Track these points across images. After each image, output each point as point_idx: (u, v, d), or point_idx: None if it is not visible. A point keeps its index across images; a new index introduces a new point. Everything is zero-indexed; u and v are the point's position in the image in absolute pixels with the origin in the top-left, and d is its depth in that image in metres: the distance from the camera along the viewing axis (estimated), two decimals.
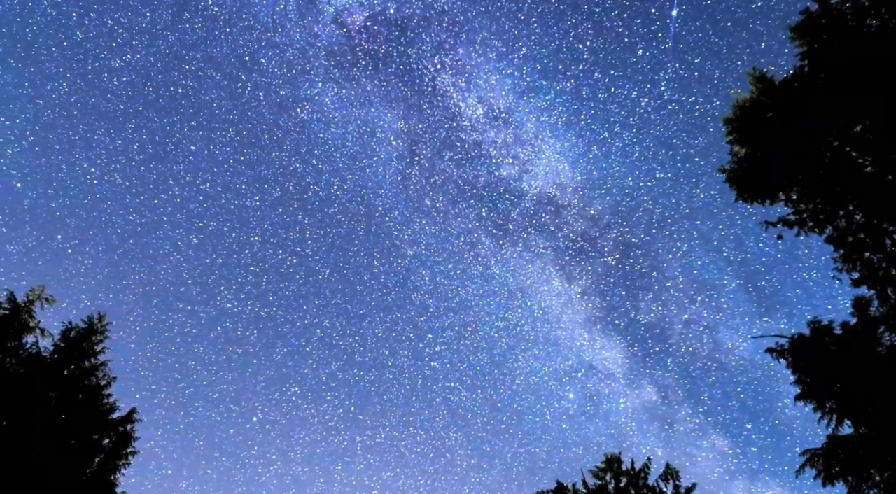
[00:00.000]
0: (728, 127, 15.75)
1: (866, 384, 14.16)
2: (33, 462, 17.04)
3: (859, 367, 14.34)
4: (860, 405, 14.47)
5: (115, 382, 19.89)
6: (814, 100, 14.34)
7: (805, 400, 15.42)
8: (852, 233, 15.35)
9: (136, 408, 19.75)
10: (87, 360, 19.68)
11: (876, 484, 14.19)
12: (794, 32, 14.61)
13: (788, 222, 16.26)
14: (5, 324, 18.67)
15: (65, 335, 19.66)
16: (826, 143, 14.71)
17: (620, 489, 19.89)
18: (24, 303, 19.26)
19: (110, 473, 18.83)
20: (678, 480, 19.66)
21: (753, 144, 15.35)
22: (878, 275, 14.93)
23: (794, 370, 15.58)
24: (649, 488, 19.69)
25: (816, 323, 15.60)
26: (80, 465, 18.25)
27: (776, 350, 15.93)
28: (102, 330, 20.23)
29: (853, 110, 14.00)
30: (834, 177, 14.71)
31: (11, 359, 18.57)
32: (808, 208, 15.90)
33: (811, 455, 15.12)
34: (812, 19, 14.24)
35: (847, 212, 15.37)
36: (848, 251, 15.40)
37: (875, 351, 14.67)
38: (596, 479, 20.35)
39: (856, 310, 15.38)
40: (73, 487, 17.72)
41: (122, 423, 19.41)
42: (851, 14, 13.86)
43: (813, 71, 14.40)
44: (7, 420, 17.18)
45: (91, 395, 19.29)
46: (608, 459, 20.54)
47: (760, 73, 15.02)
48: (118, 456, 19.04)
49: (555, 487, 20.64)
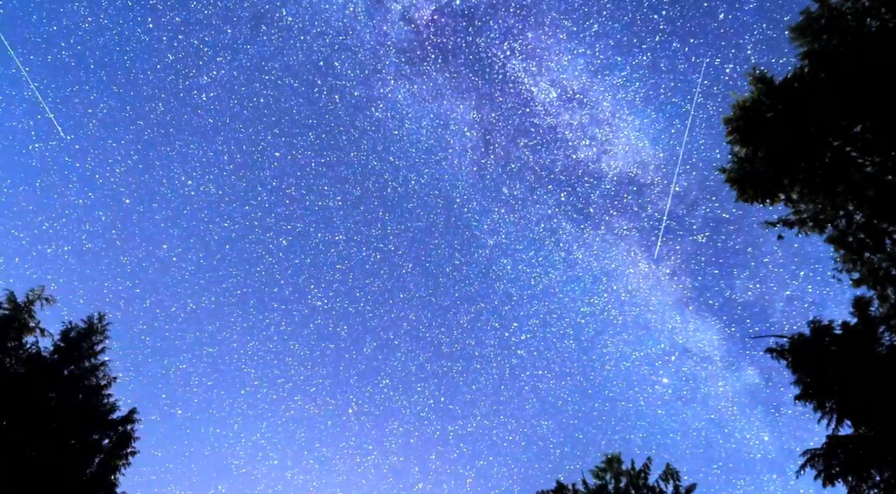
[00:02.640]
0: (728, 127, 15.75)
1: (866, 384, 14.16)
2: (33, 462, 17.04)
3: (859, 367, 14.34)
4: (860, 405, 14.47)
5: (114, 382, 19.91)
6: (814, 100, 14.35)
7: (805, 400, 15.42)
8: (852, 233, 15.36)
9: (136, 408, 19.77)
10: (87, 360, 19.68)
11: (876, 484, 14.19)
12: (794, 32, 14.61)
13: (789, 222, 16.27)
14: (5, 325, 18.69)
15: (64, 335, 19.67)
16: (826, 143, 14.71)
17: (620, 489, 19.88)
18: (24, 304, 19.27)
19: (110, 473, 18.83)
20: (678, 480, 19.67)
21: (753, 144, 15.35)
22: (878, 275, 14.94)
23: (794, 370, 15.58)
24: (649, 488, 19.68)
25: (816, 323, 15.60)
26: (80, 465, 18.25)
27: (776, 350, 15.93)
28: (102, 331, 20.23)
29: (853, 110, 14.00)
30: (834, 177, 14.71)
31: (11, 359, 18.58)
32: (808, 208, 15.91)
33: (811, 456, 15.11)
34: (812, 19, 14.24)
35: (847, 212, 15.37)
36: (848, 251, 15.41)
37: (875, 351, 14.68)
38: (596, 479, 20.35)
39: (856, 310, 15.39)
40: (74, 487, 17.72)
41: (122, 423, 19.41)
42: (851, 14, 13.86)
43: (813, 71, 14.40)
44: (7, 420, 17.19)
45: (91, 395, 19.29)
46: (608, 459, 20.54)
47: (761, 73, 15.01)
48: (118, 456, 19.04)
49: (555, 487, 20.64)
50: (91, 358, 19.75)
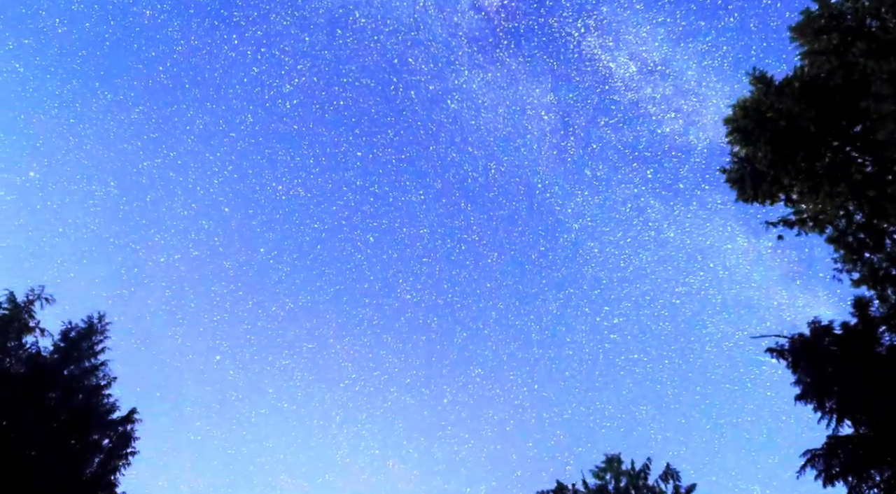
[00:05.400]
0: (728, 127, 15.76)
1: (866, 384, 14.15)
2: (33, 461, 17.04)
3: (859, 367, 14.34)
4: (860, 405, 14.46)
5: (114, 382, 19.89)
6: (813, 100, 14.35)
7: (805, 399, 15.42)
8: (852, 232, 15.36)
9: (136, 408, 19.78)
10: (87, 360, 19.68)
11: (876, 484, 14.18)
12: (794, 32, 14.61)
13: (789, 222, 16.27)
14: (5, 325, 18.70)
15: (65, 335, 19.67)
16: (826, 143, 14.71)
17: (620, 489, 19.89)
18: (25, 303, 19.27)
19: (110, 473, 18.84)
20: (678, 480, 19.68)
21: (753, 144, 15.35)
22: (878, 275, 14.94)
23: (794, 370, 15.57)
24: (649, 488, 19.69)
25: (816, 323, 15.60)
26: (80, 465, 18.26)
27: (776, 350, 15.92)
28: (102, 331, 20.22)
29: (853, 110, 14.00)
30: (834, 176, 14.72)
31: (11, 359, 18.59)
32: (808, 208, 15.91)
33: (811, 456, 15.10)
34: (812, 19, 14.25)
35: (847, 212, 15.38)
36: (848, 251, 15.41)
37: (875, 351, 14.68)
38: (596, 479, 20.35)
39: (856, 310, 15.38)
40: (74, 487, 17.72)
41: (122, 423, 19.41)
42: (851, 14, 13.86)
43: (813, 71, 14.41)
44: (7, 420, 17.19)
45: (91, 395, 19.29)
46: (608, 459, 20.53)
47: (761, 73, 15.02)
48: (118, 456, 19.04)
49: (555, 487, 20.63)
50: (91, 358, 19.75)
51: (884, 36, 13.25)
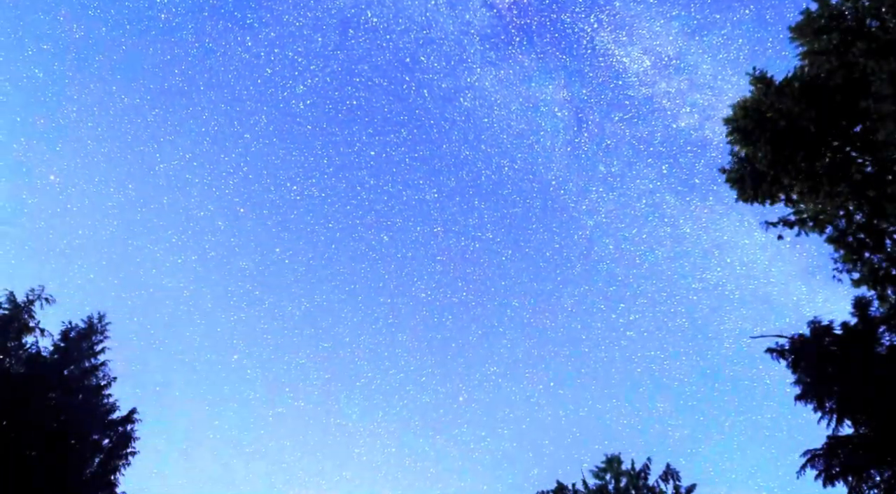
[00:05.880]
0: (728, 127, 15.76)
1: (866, 384, 14.15)
2: (33, 461, 17.04)
3: (859, 367, 14.33)
4: (860, 405, 14.45)
5: (114, 382, 19.89)
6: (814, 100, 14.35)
7: (805, 399, 15.41)
8: (852, 232, 15.35)
9: (136, 408, 19.78)
10: (87, 360, 19.68)
11: (876, 485, 14.18)
12: (794, 32, 14.61)
13: (789, 222, 16.27)
14: (5, 325, 18.68)
15: (65, 335, 19.65)
16: (826, 143, 14.71)
17: (620, 489, 19.87)
18: (25, 303, 19.25)
19: (110, 473, 18.83)
20: (678, 480, 19.65)
21: (754, 144, 15.35)
22: (878, 275, 14.93)
23: (794, 370, 15.57)
24: (649, 488, 19.67)
25: (816, 323, 15.59)
26: (80, 465, 18.25)
27: (776, 350, 15.92)
28: (102, 331, 20.21)
29: (853, 110, 14.00)
30: (834, 176, 14.72)
31: (11, 359, 18.58)
32: (808, 208, 15.91)
33: (811, 456, 15.10)
34: (812, 19, 14.24)
35: (847, 212, 15.37)
36: (848, 251, 15.40)
37: (875, 351, 14.67)
38: (596, 479, 20.33)
39: (856, 310, 15.38)
40: (74, 487, 17.72)
41: (122, 423, 19.41)
42: (851, 14, 13.86)
43: (813, 70, 14.41)
44: (7, 419, 17.18)
45: (91, 395, 19.29)
46: (609, 459, 20.51)
47: (761, 73, 15.01)
48: (118, 456, 19.04)
49: (555, 487, 20.62)
50: (91, 358, 19.74)
51: (884, 36, 13.25)
